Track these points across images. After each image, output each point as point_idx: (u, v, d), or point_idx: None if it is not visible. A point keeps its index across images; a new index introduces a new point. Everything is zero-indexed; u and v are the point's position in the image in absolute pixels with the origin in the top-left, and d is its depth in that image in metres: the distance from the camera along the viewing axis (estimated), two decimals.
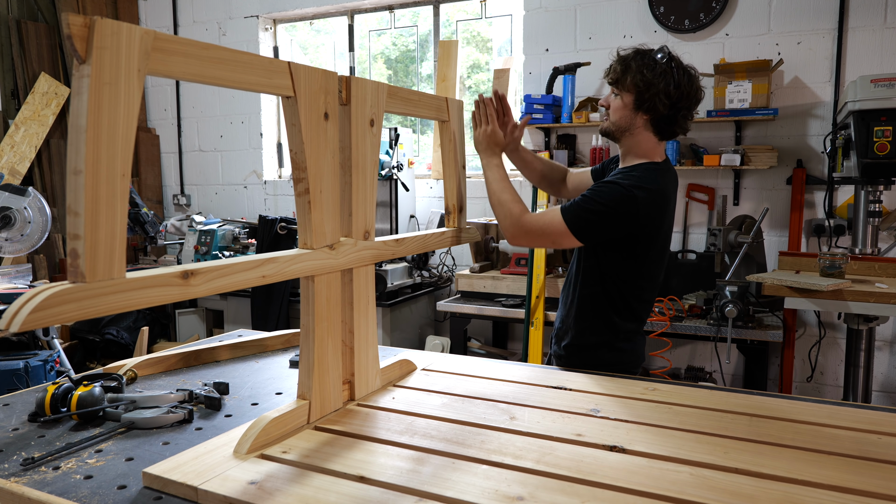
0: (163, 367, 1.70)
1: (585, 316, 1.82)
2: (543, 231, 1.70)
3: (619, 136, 1.77)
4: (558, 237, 1.68)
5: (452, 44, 4.38)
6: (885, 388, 3.48)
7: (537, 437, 1.22)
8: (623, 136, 1.76)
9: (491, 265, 3.87)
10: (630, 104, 1.71)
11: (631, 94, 1.70)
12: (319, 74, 1.22)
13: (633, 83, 1.69)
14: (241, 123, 5.05)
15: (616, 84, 1.73)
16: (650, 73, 1.67)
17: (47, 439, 1.24)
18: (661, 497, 0.99)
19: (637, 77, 1.67)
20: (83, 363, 4.33)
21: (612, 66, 1.74)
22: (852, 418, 1.33)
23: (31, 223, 3.23)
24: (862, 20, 3.34)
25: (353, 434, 1.23)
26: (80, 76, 0.84)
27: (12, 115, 4.93)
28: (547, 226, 1.69)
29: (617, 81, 1.72)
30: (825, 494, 1.00)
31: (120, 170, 0.87)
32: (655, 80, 1.66)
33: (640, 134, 1.74)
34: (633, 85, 1.69)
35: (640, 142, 1.75)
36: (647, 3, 3.73)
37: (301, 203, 1.23)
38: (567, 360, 1.85)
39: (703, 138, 3.67)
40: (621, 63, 1.71)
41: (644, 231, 1.70)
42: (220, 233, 4.37)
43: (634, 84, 1.68)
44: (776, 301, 3.07)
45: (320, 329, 1.27)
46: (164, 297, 0.94)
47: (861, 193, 2.97)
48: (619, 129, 1.75)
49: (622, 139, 1.77)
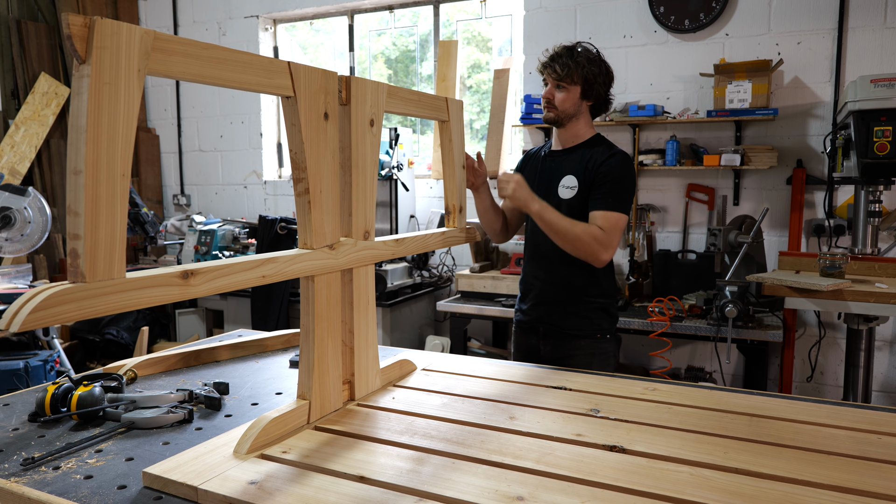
0: (163, 367, 1.70)
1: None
2: (615, 234, 1.91)
3: (565, 122, 2.04)
4: (623, 226, 1.93)
5: (452, 44, 4.38)
6: (885, 388, 3.48)
7: (537, 437, 1.22)
8: (569, 122, 2.04)
9: (491, 265, 3.87)
10: (577, 94, 2.00)
11: (578, 86, 1.99)
12: (319, 74, 1.22)
13: (580, 77, 1.97)
14: (241, 123, 5.05)
15: (564, 80, 1.98)
16: (593, 66, 1.98)
17: (47, 439, 1.24)
18: (661, 497, 0.99)
19: (583, 71, 1.97)
20: (83, 363, 4.33)
21: (554, 65, 1.98)
22: (852, 418, 1.33)
23: (31, 223, 3.24)
24: (862, 20, 3.34)
25: (353, 434, 1.23)
26: (80, 76, 0.84)
27: (12, 115, 4.93)
28: (615, 226, 1.91)
29: (565, 77, 1.97)
30: (825, 494, 1.00)
31: (120, 170, 0.87)
32: (596, 72, 1.99)
33: (582, 117, 2.05)
34: (581, 78, 1.98)
35: (583, 123, 2.06)
36: (647, 3, 3.73)
37: (301, 203, 1.23)
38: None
39: (703, 138, 3.67)
40: (566, 61, 1.97)
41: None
42: (220, 233, 4.37)
43: (582, 77, 1.97)
44: (776, 301, 3.07)
45: (320, 329, 1.27)
46: (164, 297, 0.94)
47: (861, 193, 2.97)
48: (567, 116, 2.03)
49: (567, 124, 2.04)
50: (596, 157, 1.99)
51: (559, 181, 2.03)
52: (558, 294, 2.05)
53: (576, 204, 1.99)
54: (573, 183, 2.00)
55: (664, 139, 3.71)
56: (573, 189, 2.00)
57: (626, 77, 3.82)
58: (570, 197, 2.00)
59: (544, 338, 2.09)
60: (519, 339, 2.19)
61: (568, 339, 2.05)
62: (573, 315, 2.04)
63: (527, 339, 2.15)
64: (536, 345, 2.11)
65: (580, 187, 1.99)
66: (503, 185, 1.92)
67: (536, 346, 2.11)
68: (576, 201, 1.99)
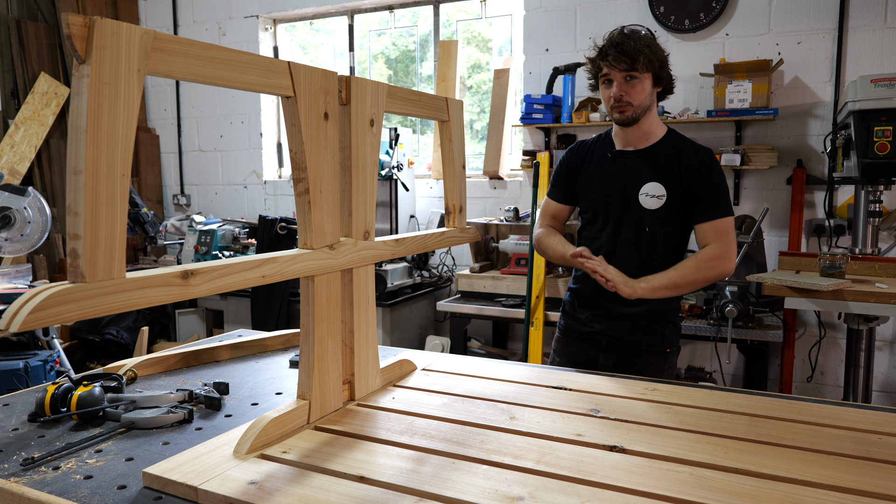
0: (163, 367, 1.70)
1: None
2: (731, 241, 1.79)
3: (642, 117, 1.82)
4: (734, 225, 1.82)
5: (452, 44, 4.38)
6: (885, 388, 3.48)
7: (537, 437, 1.22)
8: (645, 116, 1.82)
9: (491, 265, 3.87)
10: (650, 84, 1.79)
11: (649, 73, 1.77)
12: (319, 74, 1.22)
13: (646, 64, 1.74)
14: (241, 123, 5.05)
15: (633, 70, 1.75)
16: (655, 49, 1.77)
17: (47, 439, 1.24)
18: (661, 497, 0.99)
19: (649, 56, 1.74)
20: (83, 363, 4.33)
21: (620, 55, 1.74)
22: (852, 418, 1.33)
23: (31, 223, 3.23)
24: (862, 20, 3.34)
25: (353, 434, 1.23)
26: (79, 76, 0.84)
27: (12, 115, 4.93)
28: (728, 233, 1.79)
29: (633, 67, 1.75)
30: (825, 494, 1.00)
31: (120, 170, 0.87)
32: (659, 53, 1.78)
33: (653, 108, 1.85)
34: (649, 64, 1.75)
35: (654, 114, 1.85)
36: (647, 3, 3.73)
37: (301, 203, 1.23)
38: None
39: (703, 138, 3.67)
40: (635, 46, 1.74)
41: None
42: (220, 233, 4.37)
43: (649, 63, 1.75)
44: (776, 301, 3.07)
45: (320, 329, 1.27)
46: (164, 297, 0.94)
47: (861, 193, 2.97)
48: (644, 110, 1.81)
49: (643, 119, 1.82)
50: (686, 159, 1.80)
51: (639, 189, 1.82)
52: (628, 307, 1.85)
53: (666, 213, 1.81)
54: (660, 192, 1.80)
55: None
56: (660, 199, 1.80)
57: None
58: (657, 207, 1.80)
59: (606, 350, 1.91)
60: (570, 348, 2.00)
61: (635, 355, 1.88)
62: (644, 330, 1.87)
63: (582, 349, 1.96)
64: (595, 357, 1.93)
65: (669, 196, 1.80)
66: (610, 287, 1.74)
67: (594, 358, 1.93)
68: (665, 210, 1.80)
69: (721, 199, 1.79)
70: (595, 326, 1.92)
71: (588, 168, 1.94)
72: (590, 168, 1.93)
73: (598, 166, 1.91)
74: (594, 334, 1.93)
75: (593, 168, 1.92)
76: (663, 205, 1.80)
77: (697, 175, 1.78)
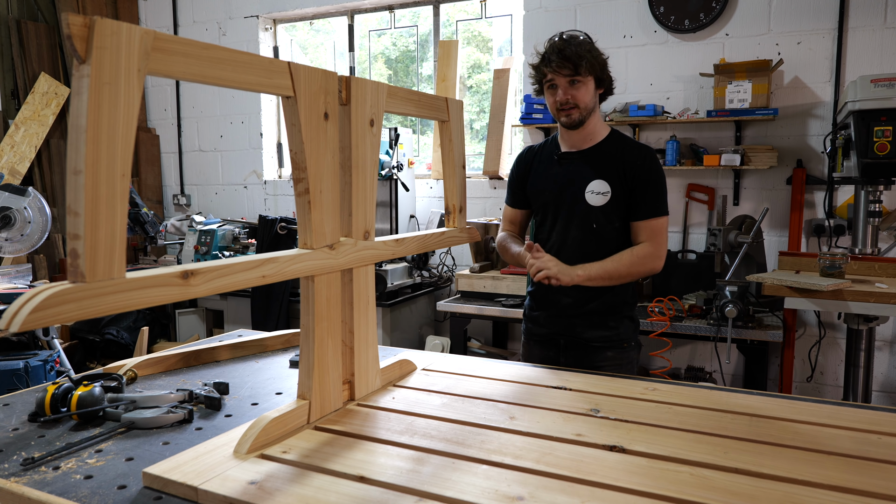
0: (163, 367, 1.70)
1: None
2: (662, 240, 1.87)
3: (587, 118, 1.87)
4: (667, 225, 1.89)
5: (452, 44, 4.38)
6: (885, 388, 3.48)
7: (537, 437, 1.22)
8: (589, 117, 1.88)
9: (491, 265, 3.87)
10: (593, 86, 1.86)
11: (591, 77, 1.84)
12: (319, 74, 1.22)
13: (588, 67, 1.81)
14: (241, 123, 5.05)
15: (576, 74, 1.81)
16: (595, 52, 1.83)
17: (47, 439, 1.24)
18: (661, 497, 0.99)
19: (590, 60, 1.81)
20: (83, 363, 4.33)
21: (563, 61, 1.79)
22: (852, 418, 1.33)
23: (31, 223, 3.24)
24: (862, 20, 3.34)
25: (353, 434, 1.23)
26: (80, 76, 0.84)
27: (12, 115, 4.93)
28: (660, 232, 1.86)
29: (576, 72, 1.81)
30: (825, 494, 1.00)
31: (120, 170, 0.87)
32: (599, 57, 1.85)
33: (596, 109, 1.91)
34: (591, 67, 1.81)
35: (597, 115, 1.92)
36: (647, 3, 3.73)
37: (301, 203, 1.23)
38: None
39: (703, 138, 3.67)
40: (576, 51, 1.80)
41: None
42: (220, 233, 4.37)
43: (591, 67, 1.81)
44: (776, 301, 3.07)
45: (320, 329, 1.27)
46: (164, 297, 0.94)
47: (861, 193, 2.97)
48: (589, 113, 1.87)
49: (587, 120, 1.88)
50: (629, 157, 1.86)
51: (585, 186, 1.88)
52: (581, 305, 1.92)
53: (610, 210, 1.86)
54: (605, 188, 1.86)
55: (664, 139, 3.71)
56: (605, 195, 1.86)
57: (626, 77, 3.82)
58: (602, 204, 1.86)
59: (566, 349, 1.96)
60: (533, 351, 2.04)
61: (593, 351, 1.93)
62: (599, 326, 1.92)
63: (543, 351, 2.01)
64: (556, 357, 1.98)
65: (614, 192, 1.85)
66: (545, 276, 1.78)
67: (555, 359, 1.98)
68: (611, 207, 1.86)
69: (659, 200, 1.86)
70: (552, 327, 1.98)
71: (536, 172, 2.00)
72: (538, 171, 1.99)
73: (545, 169, 1.98)
74: (552, 335, 1.99)
75: (542, 171, 1.99)
76: (608, 201, 1.86)
77: (640, 173, 1.85)
